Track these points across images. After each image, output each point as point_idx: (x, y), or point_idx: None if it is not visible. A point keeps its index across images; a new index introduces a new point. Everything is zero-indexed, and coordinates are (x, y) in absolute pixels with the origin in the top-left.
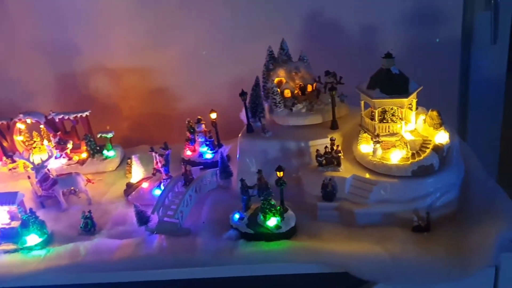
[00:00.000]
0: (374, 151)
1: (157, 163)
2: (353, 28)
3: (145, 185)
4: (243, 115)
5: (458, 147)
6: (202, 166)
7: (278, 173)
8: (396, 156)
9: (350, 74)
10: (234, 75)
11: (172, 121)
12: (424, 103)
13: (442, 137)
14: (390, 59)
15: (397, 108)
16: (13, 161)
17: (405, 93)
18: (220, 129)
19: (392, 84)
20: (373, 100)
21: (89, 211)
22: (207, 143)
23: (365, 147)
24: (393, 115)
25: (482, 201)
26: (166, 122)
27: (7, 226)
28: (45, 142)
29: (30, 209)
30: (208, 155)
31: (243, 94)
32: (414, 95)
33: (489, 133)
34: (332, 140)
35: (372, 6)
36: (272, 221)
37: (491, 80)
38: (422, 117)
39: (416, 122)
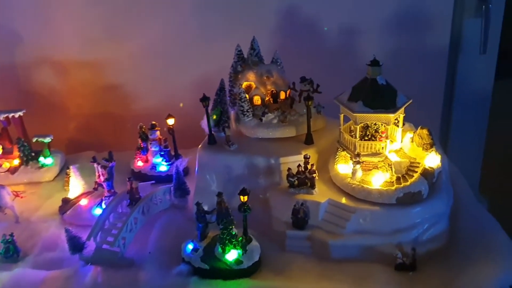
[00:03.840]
0: (354, 173)
1: (99, 176)
2: (334, 30)
3: (84, 202)
4: (204, 124)
5: (447, 170)
6: (153, 181)
7: (241, 197)
8: (379, 180)
9: (328, 81)
10: (200, 74)
11: (127, 123)
12: (406, 115)
13: (432, 160)
14: (376, 68)
15: (382, 124)
16: None
17: (393, 108)
18: (181, 135)
19: (378, 96)
20: (354, 114)
21: (11, 235)
22: (162, 153)
23: (343, 167)
24: (376, 131)
25: (474, 234)
26: (119, 124)
27: None
28: None
29: None
30: (163, 167)
31: (204, 99)
32: (402, 110)
33: (472, 146)
34: (306, 158)
35: (356, 7)
36: (232, 255)
37: (477, 91)
38: (409, 135)
39: (402, 141)
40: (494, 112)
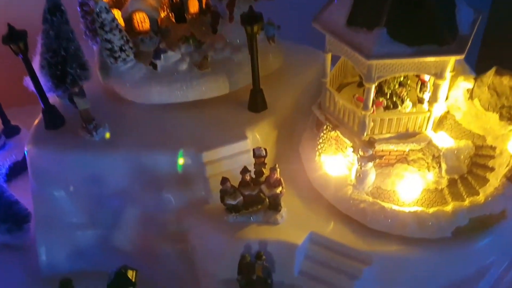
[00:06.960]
0: (361, 178)
1: None
2: None
3: None
4: (30, 83)
5: None
6: None
7: None
8: (414, 189)
9: None
10: None
11: None
12: None
13: None
14: None
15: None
16: None
17: (452, 37)
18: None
19: (420, 15)
20: (369, 62)
21: None
22: None
23: (333, 162)
24: (401, 85)
25: None
26: None
27: None
28: None
29: None
30: None
31: (15, 37)
32: (470, 41)
33: None
34: (259, 155)
35: None
36: None
37: None
38: (464, 84)
39: (448, 98)
40: None
